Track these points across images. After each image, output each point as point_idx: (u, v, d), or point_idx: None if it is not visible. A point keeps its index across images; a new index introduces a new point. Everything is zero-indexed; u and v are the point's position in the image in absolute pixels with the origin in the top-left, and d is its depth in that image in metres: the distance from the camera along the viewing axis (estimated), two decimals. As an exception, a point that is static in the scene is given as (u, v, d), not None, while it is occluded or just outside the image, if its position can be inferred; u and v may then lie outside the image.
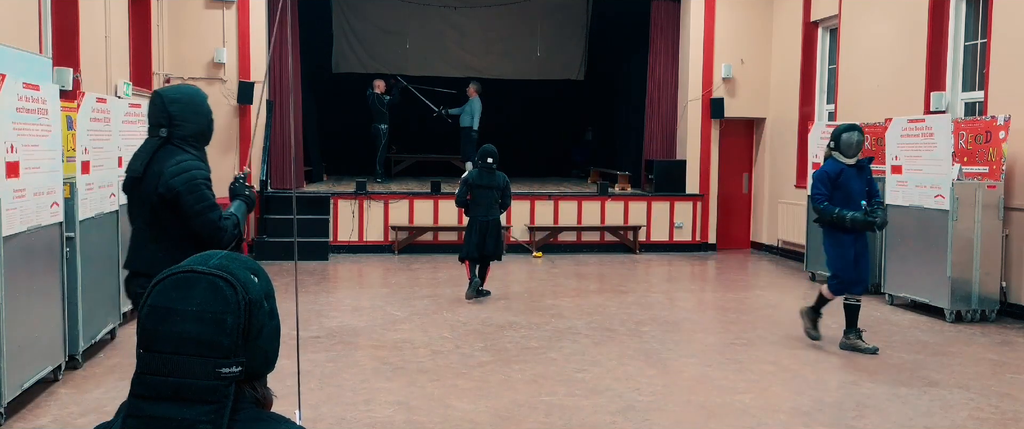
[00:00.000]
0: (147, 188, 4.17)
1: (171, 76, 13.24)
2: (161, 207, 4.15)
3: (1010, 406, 6.25)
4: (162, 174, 4.12)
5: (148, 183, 4.17)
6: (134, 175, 4.23)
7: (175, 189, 4.09)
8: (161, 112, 4.26)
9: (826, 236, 7.85)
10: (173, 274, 1.59)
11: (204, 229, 4.16)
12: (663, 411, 6.05)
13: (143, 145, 4.30)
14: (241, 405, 1.58)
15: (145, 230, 4.27)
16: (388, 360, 7.30)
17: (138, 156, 4.26)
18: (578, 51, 18.41)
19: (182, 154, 4.19)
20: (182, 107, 4.27)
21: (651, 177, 14.85)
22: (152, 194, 4.15)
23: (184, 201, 4.10)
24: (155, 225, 4.22)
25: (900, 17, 11.30)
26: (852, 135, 7.67)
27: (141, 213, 4.27)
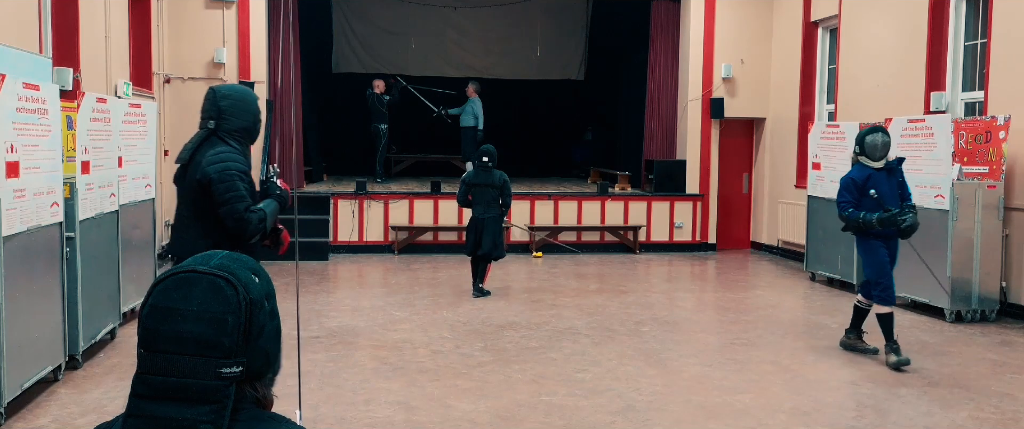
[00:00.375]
0: (190, 176, 4.41)
1: (171, 76, 13.24)
2: (199, 194, 4.37)
3: (1010, 406, 6.25)
4: (201, 162, 4.37)
5: (191, 171, 4.41)
6: (181, 163, 4.47)
7: (208, 176, 4.32)
8: (212, 106, 4.51)
9: (859, 244, 7.57)
10: (174, 274, 1.59)
11: (229, 218, 4.33)
12: (663, 411, 6.05)
13: (193, 136, 4.55)
14: (242, 405, 1.58)
15: (188, 217, 4.48)
16: (388, 360, 7.30)
17: (186, 146, 4.51)
18: (578, 51, 18.41)
19: (223, 146, 4.43)
20: (232, 103, 4.53)
21: (651, 177, 14.85)
22: (192, 180, 4.39)
23: (214, 189, 4.31)
24: (196, 212, 4.43)
25: (900, 17, 11.30)
26: (876, 137, 7.34)
27: (185, 199, 4.49)
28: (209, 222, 4.39)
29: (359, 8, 17.26)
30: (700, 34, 14.62)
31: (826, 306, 10.02)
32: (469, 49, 18.00)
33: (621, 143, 18.04)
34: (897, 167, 7.47)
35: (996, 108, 9.40)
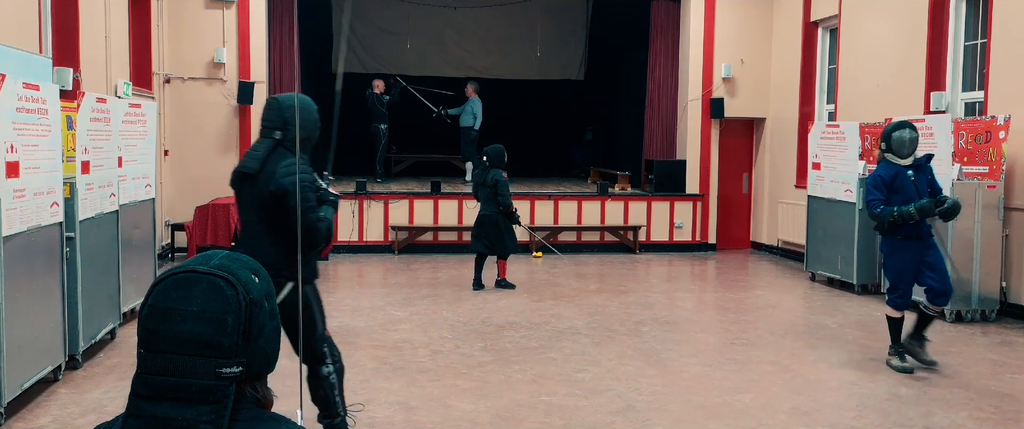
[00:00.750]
0: (261, 186, 4.52)
1: (171, 76, 13.24)
2: (272, 204, 4.51)
3: (1010, 406, 6.25)
4: (274, 174, 4.49)
5: (262, 181, 4.52)
6: (249, 172, 4.56)
7: (284, 188, 4.45)
8: (277, 116, 4.62)
9: (885, 244, 7.21)
10: (174, 274, 1.59)
11: (303, 227, 4.44)
12: (663, 411, 6.04)
13: (256, 144, 4.66)
14: (241, 405, 1.58)
15: (257, 225, 4.62)
16: (388, 360, 7.30)
17: (253, 155, 4.60)
18: (578, 51, 18.41)
19: (291, 158, 4.54)
20: (294, 115, 4.58)
21: (651, 177, 14.85)
22: (264, 191, 4.51)
23: (291, 200, 4.44)
24: (266, 220, 4.58)
25: (900, 17, 11.30)
26: (904, 133, 7.02)
27: (254, 208, 4.61)
28: (280, 230, 4.53)
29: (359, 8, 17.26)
30: (700, 34, 14.62)
31: (826, 306, 10.02)
32: (469, 49, 18.00)
33: (621, 143, 18.04)
34: (926, 164, 7.14)
35: (996, 108, 9.40)
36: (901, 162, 7.02)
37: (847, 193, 10.91)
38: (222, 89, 13.51)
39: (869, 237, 10.70)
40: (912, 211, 6.79)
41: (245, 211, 4.67)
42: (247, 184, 4.60)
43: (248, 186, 4.60)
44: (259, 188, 4.54)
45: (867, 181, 7.26)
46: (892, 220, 6.86)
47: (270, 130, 4.63)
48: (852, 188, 10.80)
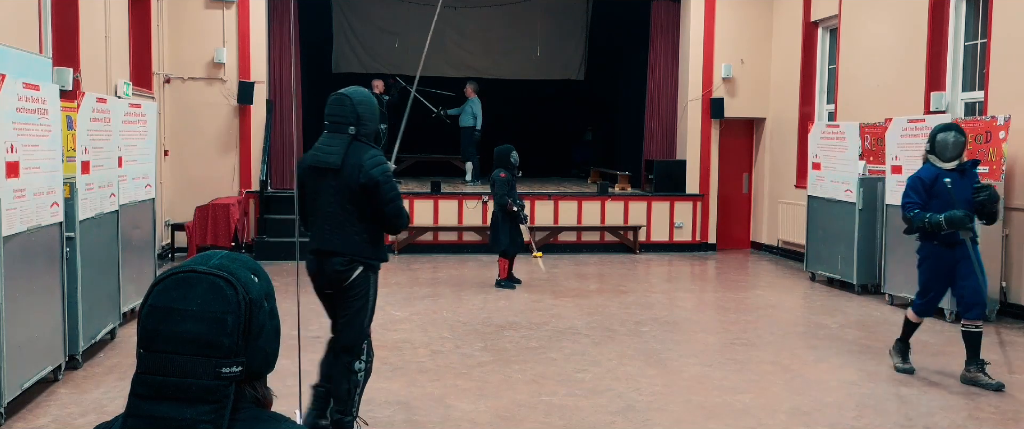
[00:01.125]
0: (346, 178, 4.75)
1: (171, 76, 13.24)
2: (360, 194, 4.75)
3: (1010, 406, 6.25)
4: (362, 166, 4.72)
5: (347, 173, 4.75)
6: (331, 166, 4.76)
7: (375, 179, 4.73)
8: (350, 111, 4.84)
9: (920, 249, 6.93)
10: (174, 274, 1.59)
11: (393, 214, 4.83)
12: (663, 411, 6.04)
13: (330, 140, 4.83)
14: (241, 405, 1.58)
15: (341, 215, 4.81)
16: (388, 360, 7.29)
17: (331, 150, 4.80)
18: (578, 51, 18.41)
19: (372, 149, 4.83)
20: (366, 109, 4.87)
21: (651, 177, 14.85)
22: (352, 183, 4.74)
23: (381, 190, 4.74)
24: (351, 210, 4.80)
25: (900, 17, 11.30)
26: (948, 135, 6.65)
27: (337, 200, 4.80)
28: (366, 219, 4.82)
29: (359, 8, 17.26)
30: (700, 34, 14.62)
31: (826, 306, 10.02)
32: (469, 49, 17.99)
33: (621, 143, 18.04)
34: (971, 169, 6.71)
35: (996, 108, 9.40)
36: (943, 166, 6.67)
37: (847, 193, 10.91)
38: (222, 89, 13.51)
39: (869, 237, 10.71)
40: (941, 221, 6.48)
41: (326, 203, 4.82)
42: (329, 177, 4.78)
43: (330, 179, 4.78)
44: (344, 180, 4.74)
45: (907, 181, 6.94)
46: (922, 227, 6.63)
47: (343, 125, 4.81)
48: (852, 188, 10.80)
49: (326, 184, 4.81)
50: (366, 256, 4.85)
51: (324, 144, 4.85)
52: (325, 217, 4.86)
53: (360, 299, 4.89)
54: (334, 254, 4.83)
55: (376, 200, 4.77)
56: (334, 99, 4.91)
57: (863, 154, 11.04)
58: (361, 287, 4.87)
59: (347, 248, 4.81)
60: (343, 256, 4.81)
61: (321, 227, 4.88)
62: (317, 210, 4.89)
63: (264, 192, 13.44)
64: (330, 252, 4.85)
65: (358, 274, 4.85)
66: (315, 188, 4.86)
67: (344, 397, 4.97)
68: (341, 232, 4.81)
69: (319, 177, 4.83)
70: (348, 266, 4.85)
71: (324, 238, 4.85)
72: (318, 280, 5.00)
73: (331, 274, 4.88)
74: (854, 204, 10.75)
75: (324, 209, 4.85)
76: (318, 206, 4.88)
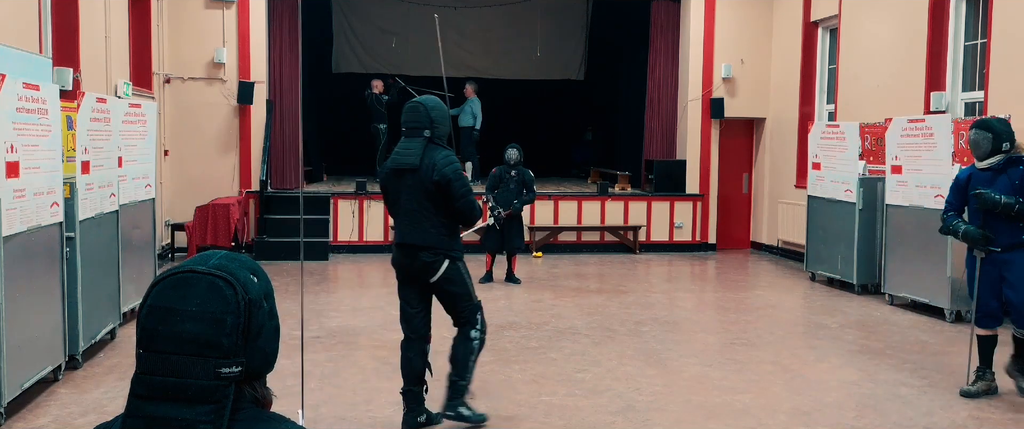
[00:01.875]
0: (423, 177, 5.23)
1: (171, 76, 13.24)
2: (435, 191, 5.23)
3: (1010, 406, 6.25)
4: (436, 165, 5.21)
5: (424, 173, 5.23)
6: (410, 167, 5.26)
7: (448, 176, 5.21)
8: (424, 117, 5.34)
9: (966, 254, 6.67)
10: (173, 274, 1.59)
11: (466, 208, 5.30)
12: (663, 411, 6.04)
13: (408, 144, 5.32)
14: (241, 405, 1.58)
15: (419, 211, 5.30)
16: (388, 360, 7.29)
17: (409, 153, 5.29)
18: (578, 51, 18.40)
19: (445, 151, 5.33)
20: (439, 114, 5.38)
21: (651, 177, 14.85)
22: (428, 181, 5.22)
23: (454, 187, 5.22)
24: (428, 206, 5.28)
25: (900, 17, 11.30)
26: (971, 133, 6.34)
27: (415, 197, 5.29)
28: (441, 213, 5.30)
29: (359, 8, 17.26)
30: (700, 34, 14.62)
31: (826, 306, 10.02)
32: (469, 49, 17.99)
33: (621, 143, 18.04)
34: (1010, 168, 6.19)
35: (996, 108, 9.39)
36: (976, 165, 6.38)
37: (847, 193, 10.91)
38: (222, 89, 13.51)
39: (869, 237, 10.72)
40: (959, 233, 6.34)
41: (407, 200, 5.32)
42: (408, 176, 5.28)
43: (409, 178, 5.28)
44: (421, 179, 5.23)
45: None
46: (948, 232, 6.39)
47: (418, 130, 5.33)
48: (852, 188, 10.80)
49: (406, 183, 5.30)
50: (447, 248, 5.35)
51: (402, 148, 5.34)
52: (406, 213, 5.35)
53: (458, 285, 5.42)
54: (419, 248, 5.32)
55: (449, 196, 5.24)
56: (410, 107, 5.42)
57: (863, 154, 11.04)
58: (454, 275, 5.39)
59: (428, 241, 5.29)
60: (428, 250, 5.30)
61: (403, 223, 5.37)
62: (399, 208, 5.38)
63: (264, 192, 13.44)
64: (414, 246, 5.34)
65: (447, 266, 5.34)
66: (396, 188, 5.37)
67: (462, 362, 5.51)
68: (421, 226, 5.29)
69: (399, 178, 5.33)
70: (435, 259, 5.33)
71: (406, 232, 5.34)
72: (406, 271, 5.44)
73: (421, 267, 5.36)
74: (854, 204, 10.75)
75: (405, 206, 5.34)
76: (400, 204, 5.37)
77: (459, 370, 5.52)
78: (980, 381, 6.50)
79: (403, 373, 5.50)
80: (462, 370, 5.51)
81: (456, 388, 5.53)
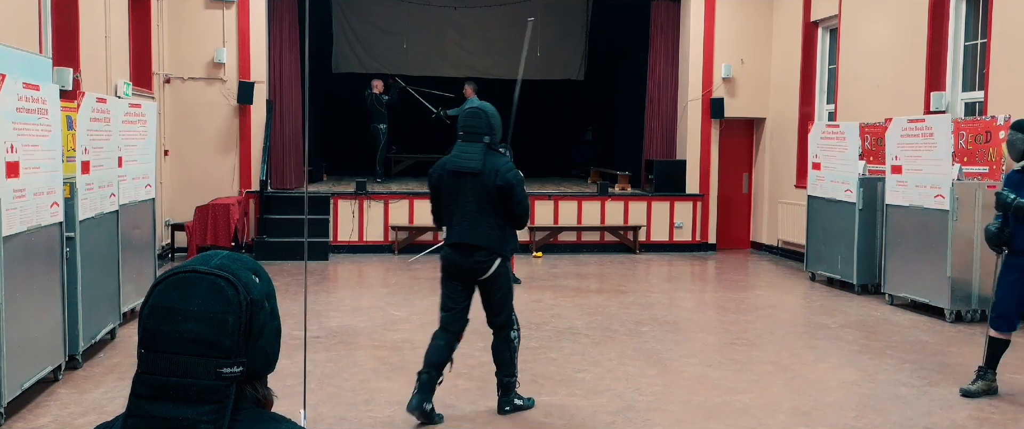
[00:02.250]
0: (486, 181, 5.49)
1: (171, 76, 13.24)
2: (496, 195, 5.51)
3: (1010, 406, 6.25)
4: (499, 171, 5.50)
5: (487, 177, 5.50)
6: (472, 170, 5.51)
7: (511, 182, 5.52)
8: (485, 123, 5.62)
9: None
10: (175, 274, 1.59)
11: (522, 213, 5.62)
12: (663, 411, 6.05)
13: (467, 148, 5.57)
14: (242, 405, 1.58)
15: (478, 212, 5.54)
16: (388, 360, 7.30)
17: (470, 156, 5.54)
18: (578, 51, 18.40)
19: (503, 157, 5.64)
20: (496, 121, 5.68)
21: (651, 177, 14.85)
22: (491, 185, 5.49)
23: (516, 191, 5.54)
24: (487, 208, 5.53)
25: (900, 17, 11.30)
26: (1010, 134, 6.24)
27: (475, 199, 5.53)
28: (500, 215, 5.58)
29: (359, 8, 17.26)
30: (700, 34, 14.62)
31: (826, 306, 10.02)
32: (469, 49, 17.99)
33: (621, 143, 18.04)
34: None
35: (996, 108, 9.40)
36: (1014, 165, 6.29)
37: (847, 193, 10.91)
38: (222, 89, 13.51)
39: (869, 237, 10.72)
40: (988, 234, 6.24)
41: (466, 202, 5.55)
42: (468, 179, 5.52)
43: (470, 181, 5.52)
44: (483, 182, 5.49)
45: None
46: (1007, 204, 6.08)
47: (478, 135, 5.58)
48: (852, 188, 10.80)
49: (465, 186, 5.54)
50: (501, 250, 5.62)
51: (461, 151, 5.58)
52: (463, 214, 5.57)
53: (505, 285, 5.71)
54: (475, 248, 5.56)
55: (509, 200, 5.54)
56: (470, 112, 5.70)
57: (863, 154, 11.04)
58: (503, 276, 5.67)
59: (486, 242, 5.55)
60: (484, 250, 5.55)
61: (460, 223, 5.58)
62: (456, 209, 5.59)
63: (264, 192, 13.44)
64: (471, 246, 5.58)
65: (498, 265, 5.61)
66: (454, 189, 5.58)
67: (508, 362, 5.84)
68: (479, 227, 5.54)
69: (458, 179, 5.56)
70: (489, 258, 5.57)
71: (464, 233, 5.57)
72: (457, 270, 5.67)
73: (473, 266, 5.61)
74: (854, 204, 10.75)
75: (463, 208, 5.56)
76: (457, 205, 5.58)
77: (507, 369, 5.85)
78: (980, 380, 6.49)
79: (426, 358, 5.68)
80: (510, 368, 5.86)
81: (508, 386, 5.88)
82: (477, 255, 5.57)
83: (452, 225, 5.63)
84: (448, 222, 5.66)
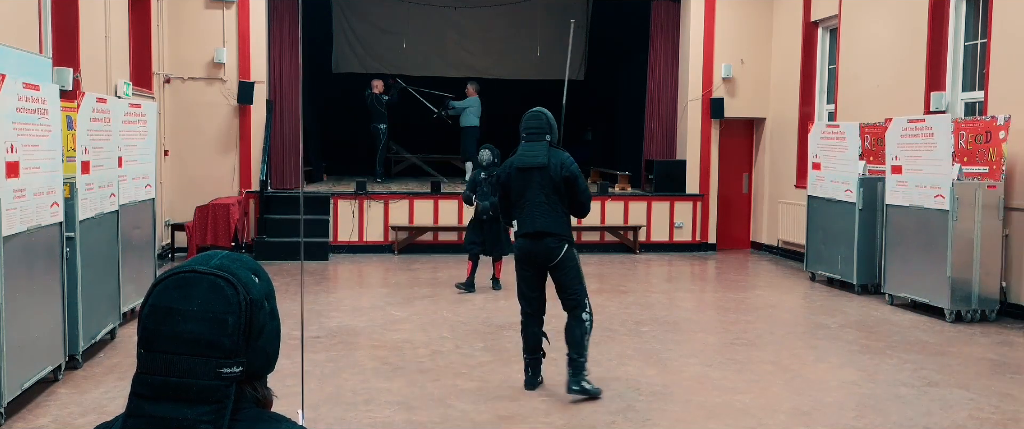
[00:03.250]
0: (553, 173, 6.07)
1: (171, 76, 13.24)
2: (562, 186, 6.10)
3: (1010, 406, 6.25)
4: (564, 164, 6.11)
5: (553, 170, 6.07)
6: (539, 165, 6.08)
7: (575, 174, 6.14)
8: (546, 124, 6.28)
9: None
10: (174, 274, 1.59)
11: (585, 201, 6.23)
12: (663, 411, 6.05)
13: (531, 147, 6.16)
14: (242, 405, 1.57)
15: (546, 203, 6.10)
16: (388, 360, 7.30)
17: (536, 153, 6.12)
18: (578, 51, 18.40)
19: (564, 152, 6.22)
20: (554, 122, 6.33)
21: (651, 177, 14.85)
22: (558, 177, 6.08)
23: (579, 182, 6.16)
24: (554, 198, 6.11)
25: (900, 17, 11.30)
26: None
27: (543, 191, 6.10)
28: (563, 204, 6.16)
29: (359, 8, 17.26)
30: (700, 34, 14.62)
31: (826, 306, 10.02)
32: (469, 49, 17.99)
33: (621, 143, 18.04)
34: None
35: (996, 108, 9.40)
36: None
37: (847, 193, 10.91)
38: (222, 89, 13.51)
39: (869, 237, 10.72)
40: None
41: (533, 194, 6.09)
42: (535, 173, 6.08)
43: (537, 175, 6.08)
44: (550, 175, 6.06)
45: None
46: None
47: (541, 134, 6.20)
48: (852, 188, 10.80)
49: (533, 180, 6.09)
50: (567, 235, 6.18)
51: (527, 150, 6.16)
52: (533, 206, 6.12)
53: (574, 268, 6.20)
54: (546, 234, 6.12)
55: (574, 189, 6.14)
56: (532, 114, 6.31)
57: (863, 154, 11.04)
58: (572, 259, 6.19)
59: (555, 228, 6.12)
60: (553, 236, 6.10)
61: (531, 214, 6.13)
62: (525, 202, 6.14)
63: (264, 192, 13.44)
64: (543, 233, 6.12)
65: (566, 250, 6.14)
66: (523, 184, 6.14)
67: (578, 342, 6.20)
68: (548, 216, 6.10)
69: (526, 175, 6.11)
70: (558, 244, 6.11)
71: (536, 222, 6.12)
72: (532, 258, 6.21)
73: (546, 251, 6.16)
74: (854, 204, 10.75)
75: (532, 200, 6.12)
76: (526, 198, 6.14)
77: (577, 349, 6.19)
78: None
79: (525, 345, 6.36)
80: (579, 348, 6.19)
81: (577, 365, 6.18)
82: (548, 241, 6.11)
83: (523, 217, 6.16)
84: (518, 215, 6.19)
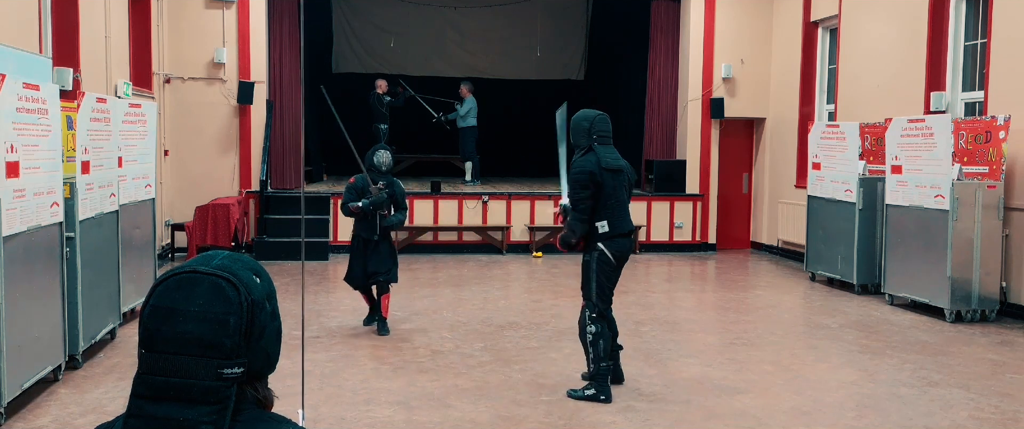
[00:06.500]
0: (628, 175, 6.48)
1: (171, 76, 13.24)
2: (632, 186, 6.57)
3: (1010, 406, 6.25)
4: (630, 167, 6.57)
5: (627, 172, 6.47)
6: (623, 168, 6.41)
7: (634, 175, 6.62)
8: (611, 128, 6.55)
9: None
10: (176, 274, 1.59)
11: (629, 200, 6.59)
12: (663, 411, 6.05)
13: (609, 149, 6.41)
14: (242, 406, 1.58)
15: (627, 202, 6.47)
16: (388, 360, 7.30)
17: (616, 157, 6.41)
18: (578, 51, 18.40)
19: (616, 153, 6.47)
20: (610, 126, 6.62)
21: (651, 177, 14.85)
22: (632, 178, 6.54)
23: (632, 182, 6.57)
24: (628, 198, 6.49)
25: (900, 17, 11.30)
26: None
27: (627, 191, 6.46)
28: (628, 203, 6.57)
29: (359, 8, 17.26)
30: (700, 34, 14.61)
31: (826, 306, 10.02)
32: (469, 49, 17.99)
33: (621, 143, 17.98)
34: None
35: (996, 108, 9.40)
36: None
37: (847, 193, 10.91)
38: (222, 89, 13.51)
39: (869, 237, 10.72)
40: None
41: (622, 195, 6.39)
42: (619, 175, 6.36)
43: (620, 177, 6.37)
44: (626, 176, 6.45)
45: None
46: None
47: (611, 137, 6.48)
48: (852, 188, 10.80)
49: (619, 181, 6.38)
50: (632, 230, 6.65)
51: (608, 152, 6.38)
52: (622, 205, 6.40)
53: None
54: (633, 231, 6.59)
55: (631, 190, 6.56)
56: (602, 118, 6.53)
57: (863, 154, 11.04)
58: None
59: (628, 226, 6.49)
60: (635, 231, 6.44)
61: (624, 213, 6.42)
62: (616, 202, 6.35)
63: (264, 192, 13.44)
64: (632, 231, 6.62)
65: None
66: (613, 185, 6.34)
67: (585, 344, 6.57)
68: (625, 215, 6.46)
69: (616, 176, 6.35)
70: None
71: (628, 221, 6.47)
72: (626, 254, 6.49)
73: (632, 248, 6.60)
74: (854, 204, 10.76)
75: (621, 200, 6.40)
76: (617, 198, 6.36)
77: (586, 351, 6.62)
78: None
79: (604, 352, 6.38)
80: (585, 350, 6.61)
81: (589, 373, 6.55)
82: (632, 237, 6.64)
83: (614, 217, 6.34)
84: (609, 215, 6.32)
